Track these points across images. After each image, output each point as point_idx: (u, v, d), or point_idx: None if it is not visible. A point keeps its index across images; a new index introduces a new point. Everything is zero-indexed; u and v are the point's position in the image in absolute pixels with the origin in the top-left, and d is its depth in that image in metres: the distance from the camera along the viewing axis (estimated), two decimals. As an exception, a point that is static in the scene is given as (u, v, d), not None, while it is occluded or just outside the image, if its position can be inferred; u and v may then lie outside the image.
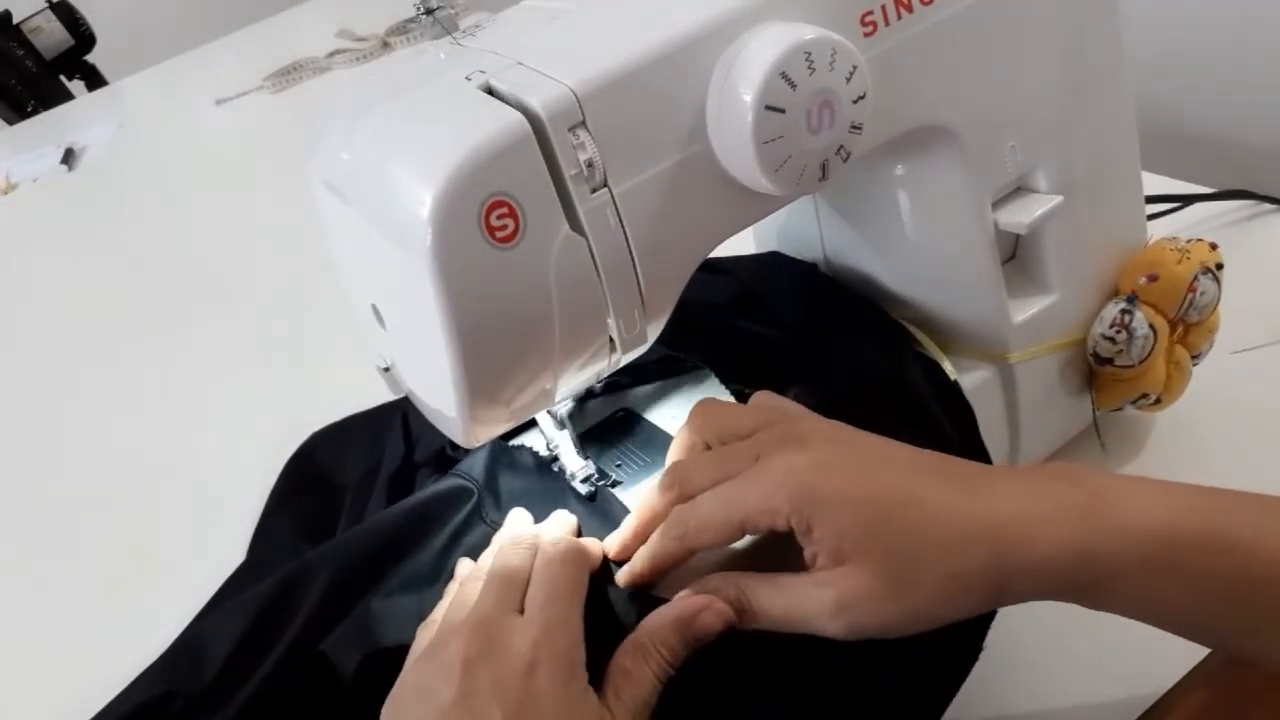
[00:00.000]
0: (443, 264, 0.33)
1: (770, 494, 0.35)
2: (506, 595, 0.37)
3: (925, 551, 0.33)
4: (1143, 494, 0.34)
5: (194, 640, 0.46)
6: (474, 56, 0.38)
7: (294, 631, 0.43)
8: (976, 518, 0.34)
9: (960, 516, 0.34)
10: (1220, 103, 1.19)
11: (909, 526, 0.34)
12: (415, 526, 0.46)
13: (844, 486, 0.34)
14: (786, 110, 0.35)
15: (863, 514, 0.34)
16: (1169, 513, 0.33)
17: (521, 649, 0.34)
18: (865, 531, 0.34)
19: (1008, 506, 0.34)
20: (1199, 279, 0.48)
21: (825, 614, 0.34)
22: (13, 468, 0.84)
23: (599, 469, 0.46)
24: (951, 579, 0.33)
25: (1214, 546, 0.33)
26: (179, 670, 0.45)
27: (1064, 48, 0.45)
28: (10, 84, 2.01)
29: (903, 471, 0.35)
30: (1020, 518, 0.33)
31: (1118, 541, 0.33)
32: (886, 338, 0.49)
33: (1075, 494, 0.34)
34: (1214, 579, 0.33)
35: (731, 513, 0.36)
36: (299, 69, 1.51)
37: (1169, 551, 0.33)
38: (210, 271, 1.05)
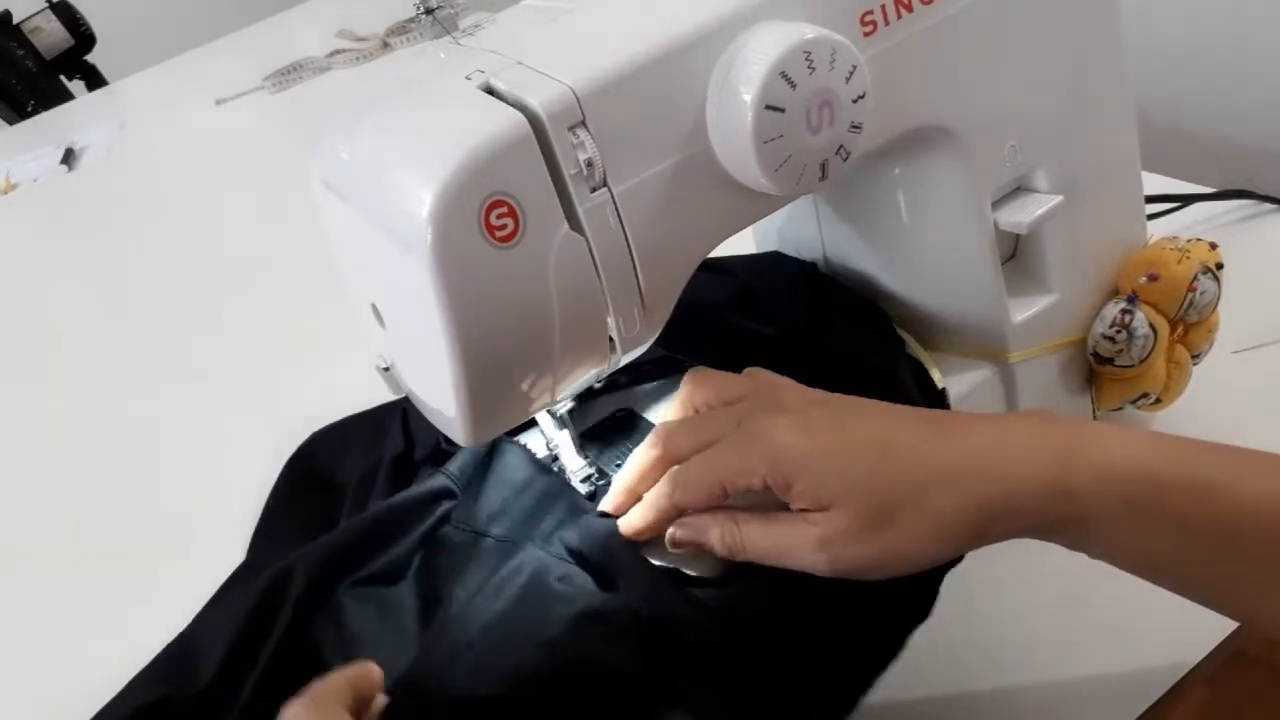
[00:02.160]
0: (443, 263, 0.33)
1: (745, 456, 0.36)
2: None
3: (905, 490, 0.34)
4: (1125, 438, 0.35)
5: (188, 642, 0.46)
6: (474, 56, 0.38)
7: (279, 632, 0.43)
8: (956, 456, 0.34)
9: (939, 456, 0.35)
10: (1220, 103, 1.19)
11: (888, 468, 0.34)
12: (390, 525, 0.47)
13: (819, 442, 0.35)
14: (786, 110, 0.35)
15: (840, 463, 0.35)
16: (1151, 456, 0.34)
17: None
18: (844, 478, 0.35)
19: (987, 445, 0.35)
20: (1199, 279, 0.48)
21: (809, 547, 0.35)
22: (12, 467, 0.84)
23: (599, 469, 0.46)
24: (932, 516, 0.34)
25: (1195, 491, 0.33)
26: (175, 673, 0.45)
27: (1064, 48, 0.45)
28: (10, 84, 2.00)
29: (880, 420, 0.36)
30: (999, 455, 0.34)
31: (1097, 481, 0.33)
32: (882, 337, 0.49)
33: (1056, 434, 0.35)
34: (1194, 523, 0.33)
35: (712, 474, 0.37)
36: (299, 69, 1.51)
37: (1149, 493, 0.33)
38: (210, 271, 1.05)
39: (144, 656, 0.47)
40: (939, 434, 0.35)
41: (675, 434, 0.40)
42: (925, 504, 0.34)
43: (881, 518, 0.34)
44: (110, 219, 1.31)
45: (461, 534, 0.46)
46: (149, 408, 0.85)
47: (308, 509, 0.58)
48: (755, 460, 0.36)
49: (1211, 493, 0.33)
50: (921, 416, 0.37)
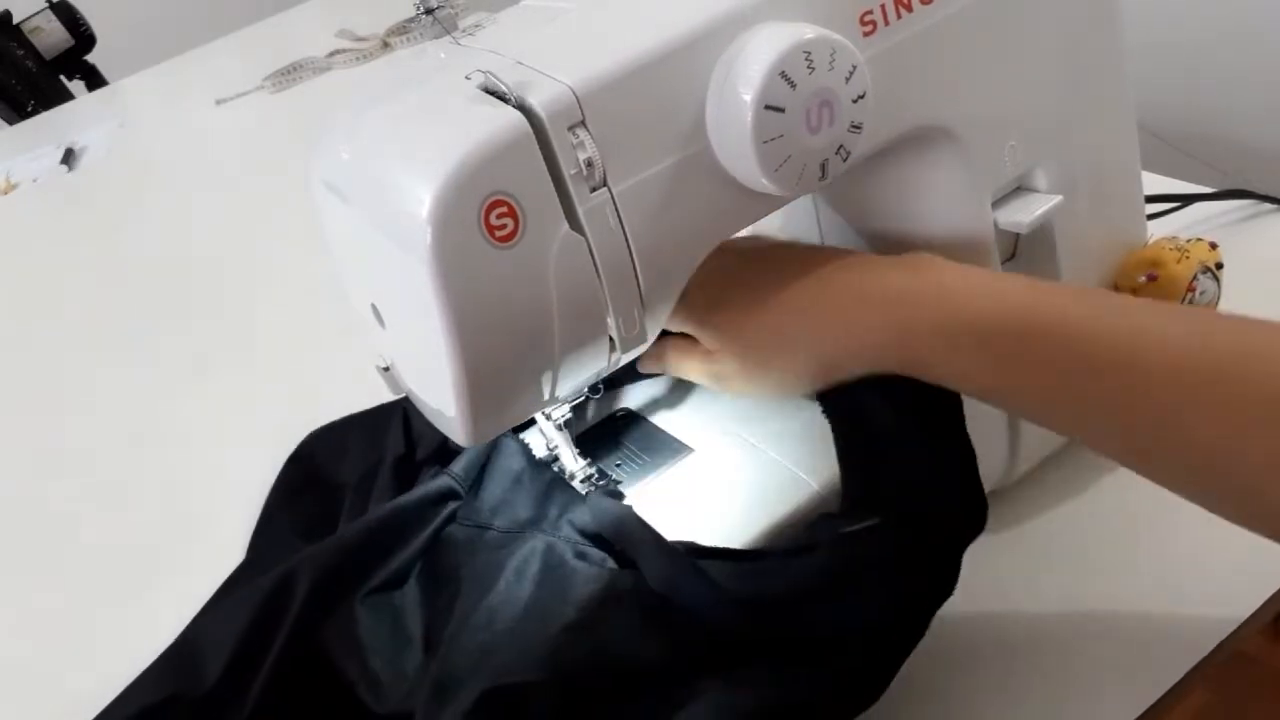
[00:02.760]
0: (442, 263, 0.33)
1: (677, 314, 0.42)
2: None
3: (769, 346, 0.42)
4: (966, 283, 0.39)
5: (193, 642, 0.46)
6: (474, 56, 0.38)
7: (284, 635, 0.43)
8: (815, 318, 0.41)
9: (803, 317, 0.41)
10: (1220, 103, 1.19)
11: (757, 328, 0.42)
12: (397, 528, 0.47)
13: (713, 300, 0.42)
14: (786, 110, 0.35)
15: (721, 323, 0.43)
16: (984, 301, 0.38)
17: None
18: (723, 337, 0.43)
19: (846, 307, 0.40)
20: (1198, 278, 0.48)
21: (706, 377, 0.45)
22: (12, 467, 0.84)
23: (599, 469, 0.46)
24: (790, 367, 0.42)
25: (1019, 330, 0.37)
26: (180, 673, 0.45)
27: (1064, 48, 0.45)
28: (10, 84, 2.00)
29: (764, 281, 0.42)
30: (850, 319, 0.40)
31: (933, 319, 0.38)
32: None
33: (910, 280, 0.40)
34: (1019, 361, 0.37)
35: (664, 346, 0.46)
36: (299, 69, 1.51)
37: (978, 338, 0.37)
38: (210, 271, 1.05)
39: (144, 655, 0.47)
40: (808, 288, 0.41)
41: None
42: (784, 359, 0.42)
43: (752, 366, 0.42)
44: (110, 219, 1.31)
45: (465, 530, 0.46)
46: (148, 407, 0.85)
47: (306, 509, 0.58)
48: (678, 318, 0.43)
49: (1036, 333, 0.36)
50: (796, 261, 0.42)
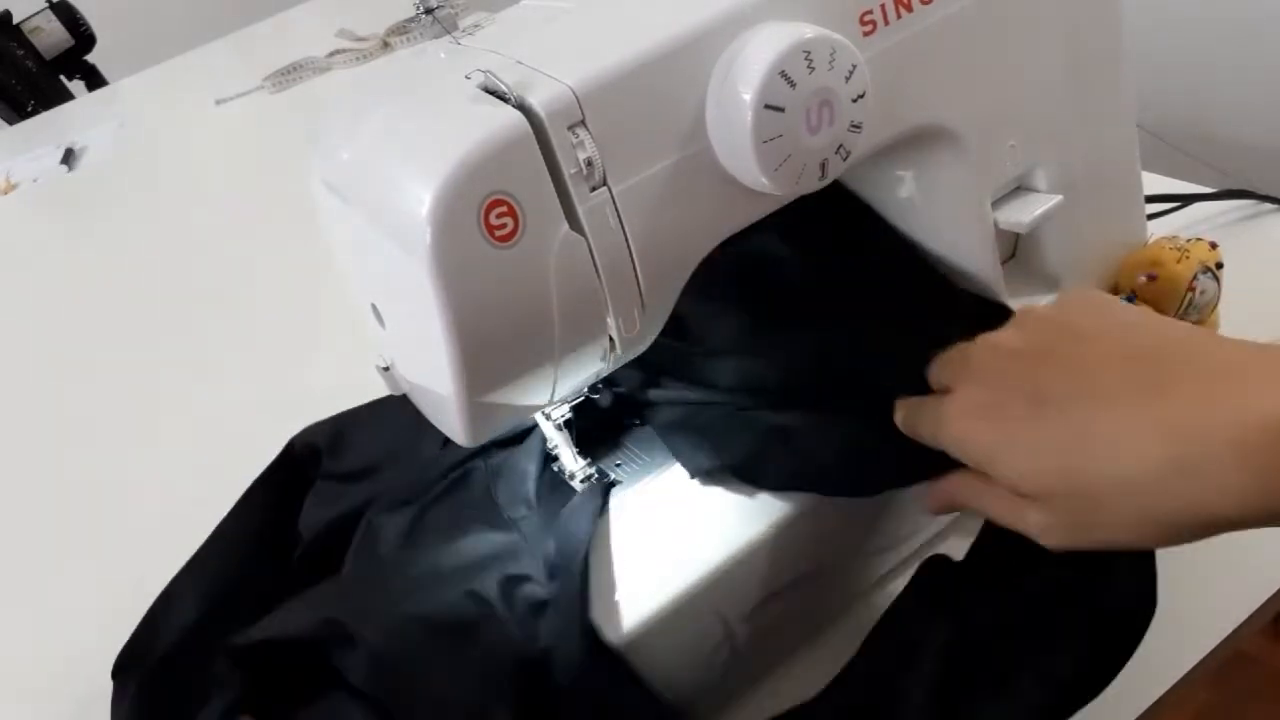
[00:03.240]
0: (442, 263, 0.33)
1: (936, 430, 0.37)
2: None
3: (1103, 492, 0.32)
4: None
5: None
6: (473, 56, 0.38)
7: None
8: (1158, 446, 0.31)
9: (1131, 460, 0.31)
10: (1220, 103, 1.19)
11: (1077, 471, 0.32)
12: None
13: (1007, 432, 0.35)
14: (786, 109, 0.35)
15: (1028, 461, 0.34)
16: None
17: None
18: (1036, 478, 0.34)
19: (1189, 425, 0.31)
20: (1198, 278, 0.48)
21: (1032, 532, 0.35)
22: (13, 466, 0.84)
23: (599, 469, 0.46)
24: (1127, 520, 0.32)
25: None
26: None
27: (1064, 47, 0.45)
28: (10, 84, 2.00)
29: (1078, 398, 0.33)
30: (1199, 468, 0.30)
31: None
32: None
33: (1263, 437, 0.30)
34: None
35: (913, 428, 0.39)
36: (299, 69, 1.51)
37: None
38: (210, 271, 1.05)
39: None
40: (1146, 407, 0.32)
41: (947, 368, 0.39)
42: (1122, 509, 0.32)
43: (1084, 518, 0.33)
44: (110, 219, 1.31)
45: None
46: (148, 406, 0.85)
47: (281, 500, 0.58)
48: (945, 439, 0.37)
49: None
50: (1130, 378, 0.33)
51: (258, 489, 0.58)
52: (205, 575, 0.54)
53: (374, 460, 0.56)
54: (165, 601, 0.53)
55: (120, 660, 0.51)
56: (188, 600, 0.52)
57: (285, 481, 0.58)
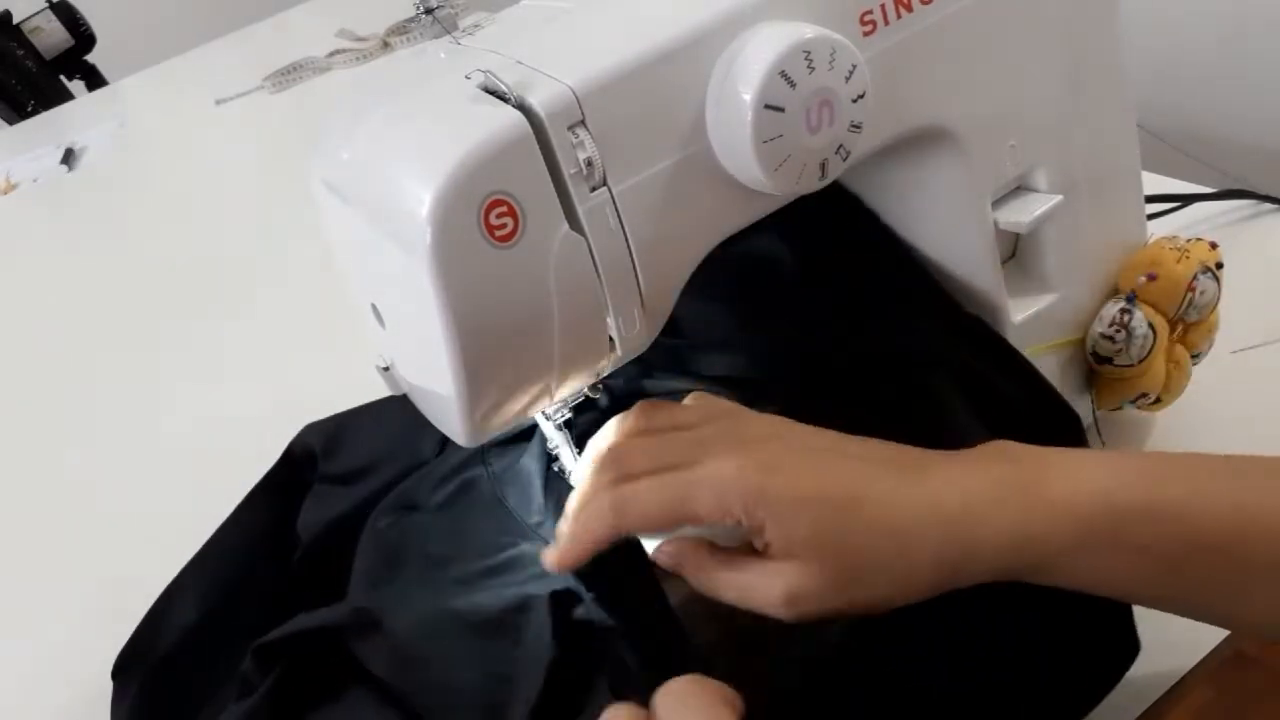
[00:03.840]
0: (442, 263, 0.33)
1: (723, 494, 0.35)
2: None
3: (873, 547, 0.34)
4: (1078, 469, 0.35)
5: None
6: (473, 56, 0.38)
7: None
8: (922, 509, 0.34)
9: (906, 510, 0.34)
10: (1220, 103, 1.19)
11: (856, 524, 0.34)
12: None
13: (792, 487, 0.34)
14: (786, 109, 0.35)
15: (811, 514, 0.34)
16: (1105, 487, 0.34)
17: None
18: (814, 532, 0.34)
19: (950, 493, 0.34)
20: (1198, 278, 0.48)
21: (774, 603, 0.35)
22: (12, 466, 0.84)
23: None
24: (898, 573, 0.34)
25: (1150, 515, 0.33)
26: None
27: (1064, 48, 0.45)
28: (10, 84, 2.00)
29: (848, 464, 0.36)
30: (962, 504, 0.34)
31: (1054, 521, 0.34)
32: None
33: (1013, 473, 0.35)
34: (1151, 549, 0.34)
35: (679, 507, 0.35)
36: (299, 69, 1.51)
37: (1106, 526, 0.33)
38: (210, 271, 1.05)
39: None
40: (904, 480, 0.35)
41: (636, 457, 0.37)
42: (892, 563, 0.34)
43: (849, 577, 0.34)
44: (110, 219, 1.31)
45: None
46: (148, 406, 0.85)
47: (279, 502, 0.58)
48: (733, 501, 0.34)
49: (1167, 516, 0.33)
50: (888, 457, 0.36)
51: (259, 491, 0.58)
52: (206, 576, 0.54)
53: (370, 461, 0.56)
54: (166, 602, 0.53)
55: (121, 660, 0.51)
56: (188, 601, 0.52)
57: (286, 483, 0.58)
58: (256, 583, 0.53)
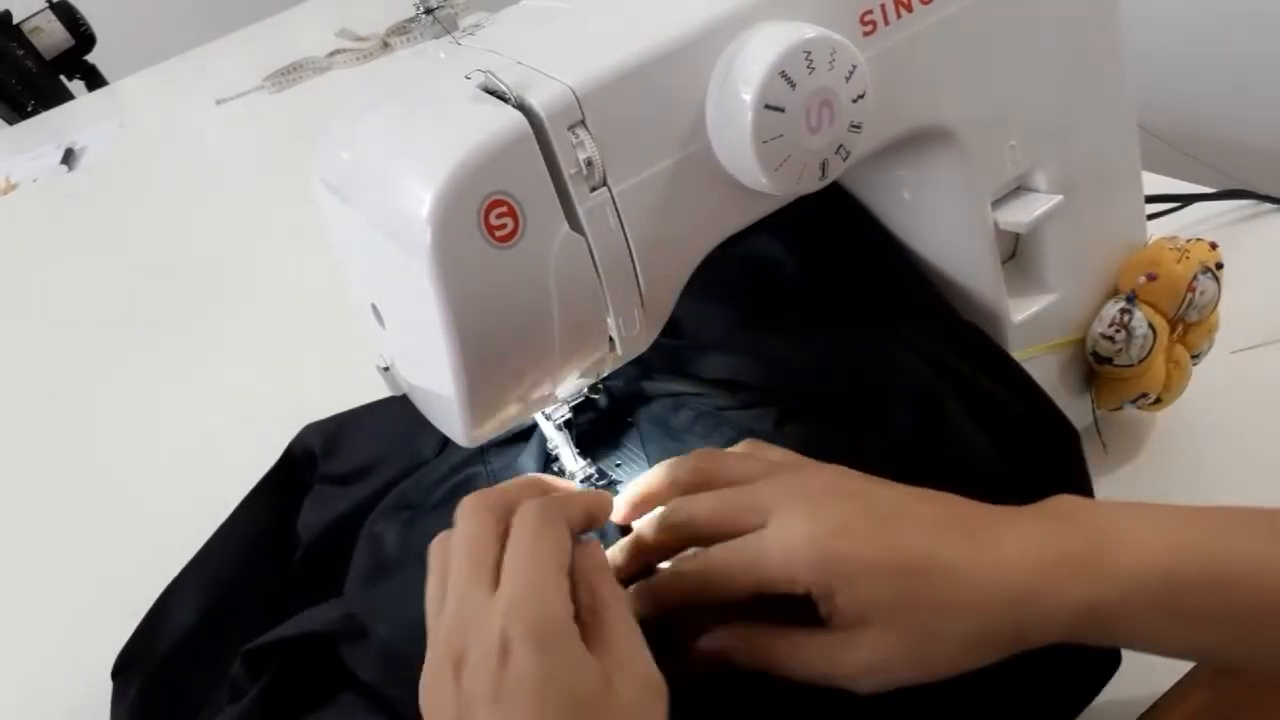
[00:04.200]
0: (442, 263, 0.33)
1: (791, 562, 0.34)
2: (476, 574, 0.35)
3: (946, 615, 0.34)
4: (1141, 534, 0.35)
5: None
6: (473, 56, 0.38)
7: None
8: (992, 577, 0.34)
9: (977, 578, 0.34)
10: (1220, 103, 1.19)
11: (930, 591, 0.34)
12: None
13: (864, 553, 0.34)
14: (786, 109, 0.35)
15: (884, 582, 0.34)
16: (1168, 554, 0.34)
17: (493, 635, 0.32)
18: (888, 599, 0.34)
19: (1019, 560, 0.35)
20: (1198, 278, 0.48)
21: (852, 676, 0.35)
22: (12, 466, 0.84)
23: (599, 469, 0.46)
24: (972, 639, 0.34)
25: (1213, 583, 0.34)
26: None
27: (1064, 48, 0.45)
28: (10, 84, 2.00)
29: (919, 529, 0.35)
30: (1031, 574, 0.34)
31: (1119, 591, 0.34)
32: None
33: (1077, 541, 0.35)
34: (1214, 615, 0.34)
35: (748, 574, 0.35)
36: (299, 69, 1.51)
37: (1169, 595, 0.34)
38: (210, 271, 1.05)
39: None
40: (971, 544, 0.35)
41: (701, 517, 0.37)
42: (968, 627, 0.34)
43: (924, 643, 0.34)
44: (110, 219, 1.31)
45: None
46: (149, 406, 0.85)
47: (278, 503, 0.58)
48: (801, 568, 0.34)
49: (1230, 583, 0.34)
50: (957, 520, 0.36)
51: (259, 491, 0.58)
52: (206, 576, 0.54)
53: (369, 461, 0.56)
54: (165, 602, 0.53)
55: (120, 660, 0.51)
56: (188, 601, 0.52)
57: (286, 484, 0.58)
58: (256, 583, 0.53)
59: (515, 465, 0.49)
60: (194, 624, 0.51)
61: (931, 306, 0.48)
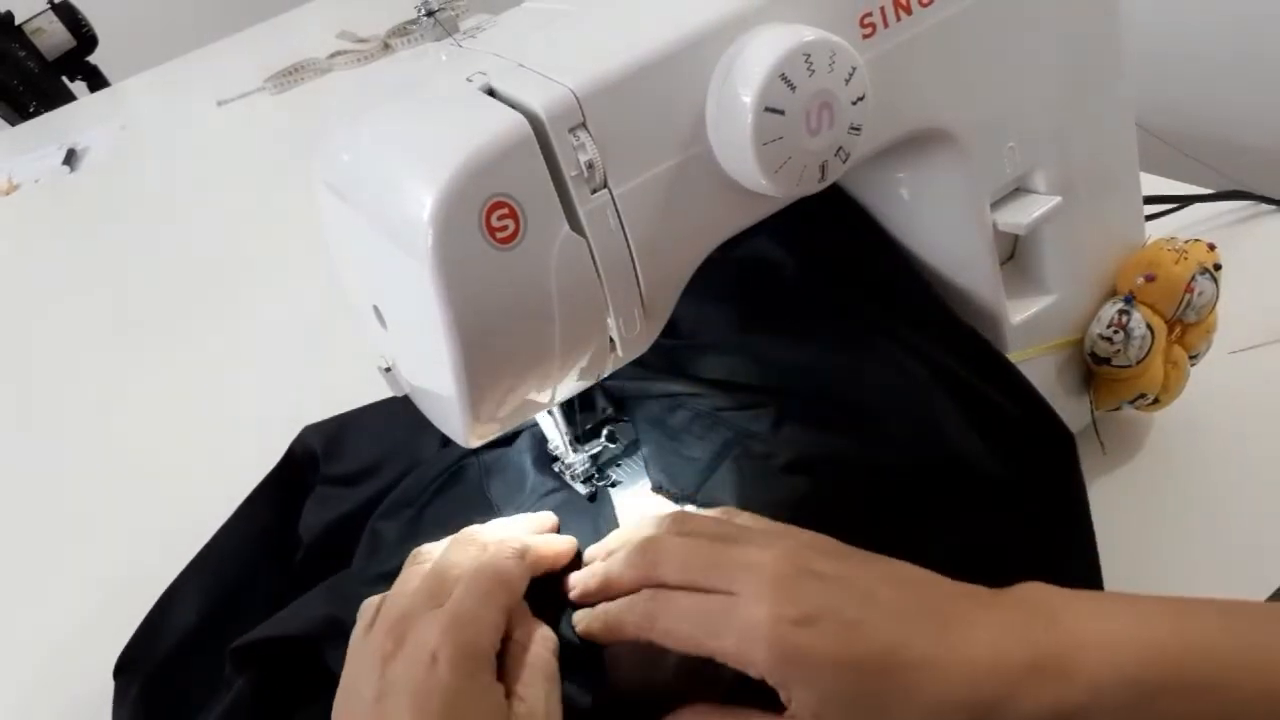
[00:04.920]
0: (443, 265, 0.33)
1: (749, 645, 0.34)
2: (435, 589, 0.38)
3: (905, 718, 0.33)
4: (1110, 636, 0.34)
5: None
6: (475, 58, 0.39)
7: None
8: (958, 681, 0.34)
9: (941, 680, 0.34)
10: (1220, 103, 1.19)
11: (889, 694, 0.34)
12: None
13: (827, 651, 0.34)
14: (786, 112, 0.35)
15: (844, 681, 0.34)
16: (1137, 658, 0.34)
17: (427, 642, 0.35)
18: (845, 697, 0.33)
19: (986, 662, 0.34)
20: (1197, 279, 0.49)
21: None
22: (13, 466, 0.84)
23: (599, 469, 0.46)
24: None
25: (1182, 688, 0.33)
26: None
27: (1063, 48, 0.45)
28: (12, 85, 2.01)
29: (887, 621, 0.35)
30: (999, 681, 0.34)
31: (1087, 696, 0.33)
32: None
33: (1046, 643, 0.34)
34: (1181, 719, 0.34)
35: (703, 641, 0.35)
36: (300, 70, 1.51)
37: (1138, 699, 0.33)
38: (211, 272, 1.06)
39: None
40: (944, 638, 0.34)
41: (672, 563, 0.38)
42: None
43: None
44: (112, 220, 1.31)
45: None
46: (150, 407, 0.85)
47: (280, 503, 0.58)
48: (759, 655, 0.34)
49: (1203, 689, 0.33)
50: (924, 603, 0.36)
51: (260, 492, 0.58)
52: (207, 577, 0.54)
53: (372, 462, 0.56)
54: (167, 602, 0.53)
55: (121, 660, 0.51)
56: (189, 601, 0.53)
57: (287, 484, 0.58)
58: (257, 583, 0.53)
59: (508, 460, 0.49)
60: (195, 624, 0.52)
61: (929, 308, 0.48)
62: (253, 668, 0.44)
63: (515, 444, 0.49)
